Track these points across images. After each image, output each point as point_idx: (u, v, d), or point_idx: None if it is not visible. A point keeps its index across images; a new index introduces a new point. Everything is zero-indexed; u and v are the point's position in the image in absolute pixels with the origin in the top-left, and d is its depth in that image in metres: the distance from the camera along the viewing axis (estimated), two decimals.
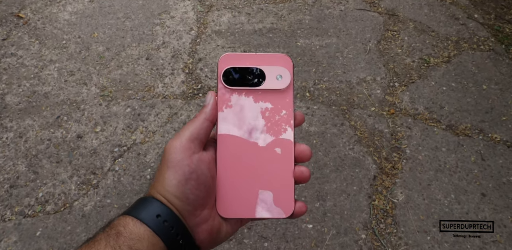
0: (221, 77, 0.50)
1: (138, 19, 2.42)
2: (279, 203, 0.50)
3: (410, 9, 2.51)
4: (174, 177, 0.45)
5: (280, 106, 0.50)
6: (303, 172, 0.50)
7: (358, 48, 2.27)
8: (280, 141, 0.50)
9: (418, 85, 2.08)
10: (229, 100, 0.50)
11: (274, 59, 0.52)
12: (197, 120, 0.48)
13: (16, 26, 2.36)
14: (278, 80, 0.50)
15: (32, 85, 2.06)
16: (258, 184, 0.50)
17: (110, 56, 2.20)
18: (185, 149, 0.46)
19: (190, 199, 0.45)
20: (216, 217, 0.49)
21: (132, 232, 0.41)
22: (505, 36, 2.31)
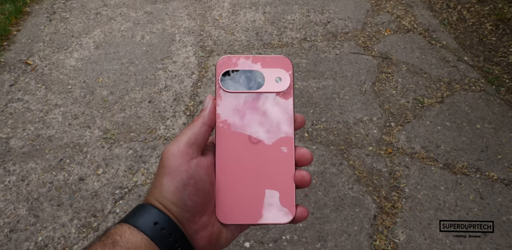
0: (219, 81, 0.49)
1: (142, 64, 2.52)
2: (280, 208, 0.49)
3: (403, 52, 2.61)
4: (171, 183, 0.44)
5: (279, 109, 0.49)
6: (304, 176, 0.48)
7: (354, 89, 2.34)
8: (280, 144, 0.49)
9: (413, 125, 2.13)
10: (228, 104, 0.49)
11: (273, 61, 0.51)
12: (194, 125, 0.47)
13: (24, 72, 2.45)
14: (277, 83, 0.49)
15: (37, 129, 2.11)
16: (258, 189, 0.49)
17: (114, 100, 2.27)
18: (182, 154, 0.45)
19: (188, 205, 0.44)
20: (216, 223, 0.48)
21: (128, 241, 0.40)
22: (495, 77, 2.39)
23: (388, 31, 2.80)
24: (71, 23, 2.88)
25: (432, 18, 2.93)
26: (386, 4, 3.08)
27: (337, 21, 2.90)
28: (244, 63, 0.50)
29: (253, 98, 0.49)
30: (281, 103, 0.49)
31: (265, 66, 0.50)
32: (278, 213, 0.48)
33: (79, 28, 2.83)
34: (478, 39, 2.71)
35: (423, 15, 2.96)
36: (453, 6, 3.04)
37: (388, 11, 3.00)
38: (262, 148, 0.49)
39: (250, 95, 0.49)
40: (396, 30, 2.81)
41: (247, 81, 0.49)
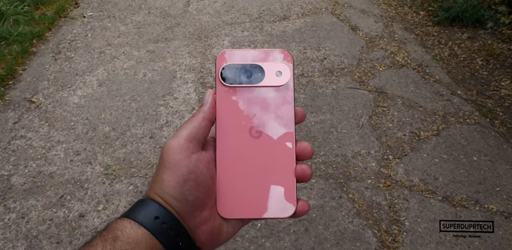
0: (219, 75, 0.48)
1: (144, 100, 2.58)
2: (281, 202, 0.48)
3: (397, 86, 2.69)
4: (172, 178, 0.44)
5: (280, 103, 0.49)
6: (305, 170, 0.48)
7: (351, 123, 2.39)
8: (280, 138, 0.49)
9: (411, 158, 2.15)
10: (228, 98, 0.49)
11: (273, 55, 0.50)
12: (195, 120, 0.47)
13: (28, 110, 2.51)
14: (278, 77, 0.49)
15: (39, 166, 2.13)
16: (259, 183, 0.48)
17: (116, 135, 2.31)
18: (183, 149, 0.45)
19: (189, 200, 0.44)
20: (217, 217, 0.47)
21: (129, 236, 0.40)
22: (488, 110, 2.45)
23: (382, 66, 2.89)
24: (76, 62, 2.98)
25: (425, 54, 3.03)
26: (379, 41, 3.19)
27: (333, 57, 2.99)
28: (244, 57, 0.50)
29: (254, 92, 0.49)
30: (281, 97, 0.49)
31: (265, 60, 0.50)
32: (280, 207, 0.48)
33: (83, 66, 2.92)
34: (470, 74, 2.79)
35: (415, 51, 3.06)
36: (444, 42, 3.16)
37: (382, 47, 3.11)
38: (262, 142, 0.49)
39: (250, 90, 0.49)
40: (390, 65, 2.90)
41: (247, 75, 0.49)
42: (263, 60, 0.50)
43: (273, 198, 0.48)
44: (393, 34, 3.28)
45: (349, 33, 3.29)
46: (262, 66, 0.49)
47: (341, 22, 3.47)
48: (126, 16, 3.61)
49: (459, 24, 3.30)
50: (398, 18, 3.55)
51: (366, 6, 3.74)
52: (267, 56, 0.50)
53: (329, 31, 3.31)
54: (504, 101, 2.52)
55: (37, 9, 3.51)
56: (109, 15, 3.62)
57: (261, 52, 0.50)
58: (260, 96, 0.49)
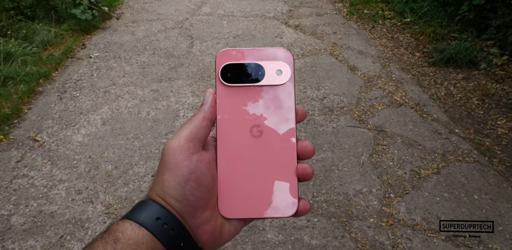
0: (219, 74, 0.48)
1: (147, 139, 2.61)
2: (282, 202, 0.48)
3: (396, 125, 2.73)
4: (173, 178, 0.44)
5: (281, 102, 0.49)
6: (306, 169, 0.48)
7: (352, 161, 2.41)
8: (282, 138, 0.48)
9: (412, 196, 2.15)
10: (228, 98, 0.49)
11: (274, 53, 0.50)
12: (195, 119, 0.47)
13: (31, 148, 2.54)
14: (278, 76, 0.49)
15: (39, 205, 2.13)
16: (261, 183, 0.48)
17: (118, 174, 2.33)
18: (183, 149, 0.45)
19: (190, 200, 0.44)
20: (218, 217, 0.47)
21: (130, 238, 0.40)
22: (487, 149, 2.48)
23: (381, 105, 2.95)
24: (81, 101, 3.05)
25: (422, 93, 3.11)
26: (377, 80, 3.28)
27: (332, 96, 3.07)
28: (244, 56, 0.50)
29: (254, 91, 0.49)
30: (282, 96, 0.49)
31: (265, 59, 0.49)
32: (281, 207, 0.48)
33: (87, 105, 2.99)
34: (467, 113, 2.85)
35: (413, 90, 3.14)
36: (440, 82, 3.25)
37: (380, 87, 3.19)
38: (263, 141, 0.48)
39: (251, 89, 0.49)
40: (388, 104, 2.97)
41: (247, 75, 0.49)
42: (263, 59, 0.49)
43: (275, 198, 0.48)
44: (390, 74, 3.38)
45: (347, 73, 3.39)
46: (262, 65, 0.49)
47: (340, 62, 3.58)
48: (131, 56, 3.73)
49: (454, 64, 3.41)
50: (395, 59, 3.67)
51: (363, 48, 3.87)
52: (267, 55, 0.50)
53: (328, 71, 3.42)
54: (501, 140, 2.56)
55: (45, 50, 3.64)
56: (114, 56, 3.74)
57: (261, 51, 0.50)
58: (261, 95, 0.49)
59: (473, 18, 3.71)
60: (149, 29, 4.36)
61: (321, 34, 4.20)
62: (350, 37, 4.11)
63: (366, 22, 4.51)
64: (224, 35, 4.15)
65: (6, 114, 2.79)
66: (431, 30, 3.85)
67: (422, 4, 4.33)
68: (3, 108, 2.83)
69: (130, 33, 4.26)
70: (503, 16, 3.33)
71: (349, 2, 5.08)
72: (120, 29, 4.37)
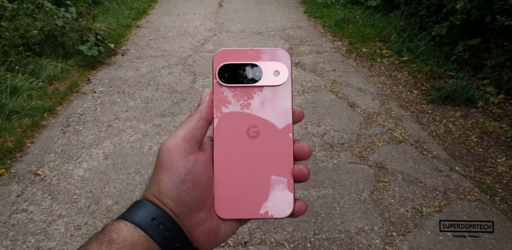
0: (216, 74, 0.48)
1: (148, 174, 2.62)
2: (279, 202, 0.48)
3: (397, 162, 2.75)
4: (169, 179, 0.43)
5: (278, 103, 0.48)
6: (302, 170, 0.48)
7: (354, 198, 2.41)
8: (278, 138, 0.48)
9: (415, 235, 2.13)
10: (225, 98, 0.48)
11: (271, 54, 0.50)
12: (192, 120, 0.47)
13: (32, 182, 2.54)
14: (276, 76, 0.49)
15: (37, 241, 2.10)
16: (257, 184, 0.48)
17: (118, 209, 2.31)
18: (180, 149, 0.44)
19: (186, 201, 0.44)
20: (214, 218, 0.47)
21: (125, 239, 0.40)
22: (488, 187, 2.48)
23: (381, 142, 2.98)
24: (83, 135, 3.08)
25: (421, 130, 3.15)
26: (377, 117, 3.33)
27: (333, 133, 3.10)
28: (242, 57, 0.49)
29: (251, 92, 0.49)
30: (279, 97, 0.49)
31: (263, 60, 0.49)
32: (277, 207, 0.48)
33: (90, 139, 3.01)
34: (466, 150, 2.88)
35: (412, 127, 3.19)
36: (439, 119, 3.30)
37: (379, 124, 3.24)
38: (260, 142, 0.48)
39: (248, 89, 0.49)
40: (388, 141, 3.00)
41: (244, 75, 0.49)
42: (261, 59, 0.49)
43: (271, 198, 0.48)
44: (390, 111, 3.43)
45: (347, 110, 3.45)
46: (259, 66, 0.49)
47: (340, 99, 3.65)
48: (135, 91, 3.81)
49: (452, 102, 3.48)
50: (394, 96, 3.74)
51: (362, 85, 3.96)
52: (265, 56, 0.50)
53: (328, 108, 3.47)
54: (502, 178, 2.57)
55: (50, 84, 3.71)
56: (118, 91, 3.82)
57: (259, 51, 0.50)
58: (258, 96, 0.49)
59: (468, 58, 3.82)
60: (153, 65, 4.48)
61: (321, 71, 4.31)
62: (349, 75, 4.21)
63: (364, 60, 4.63)
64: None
65: (9, 148, 2.81)
66: (428, 69, 3.95)
67: (419, 43, 4.47)
68: (6, 142, 2.85)
69: (134, 68, 4.36)
70: (497, 57, 3.43)
71: (348, 41, 5.24)
72: (125, 65, 4.48)
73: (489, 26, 3.52)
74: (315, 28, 5.98)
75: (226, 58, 0.49)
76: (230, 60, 0.49)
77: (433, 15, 4.59)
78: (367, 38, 5.14)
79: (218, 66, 0.48)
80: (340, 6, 6.82)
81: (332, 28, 5.82)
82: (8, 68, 3.41)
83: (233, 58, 0.49)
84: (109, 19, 5.60)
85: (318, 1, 7.27)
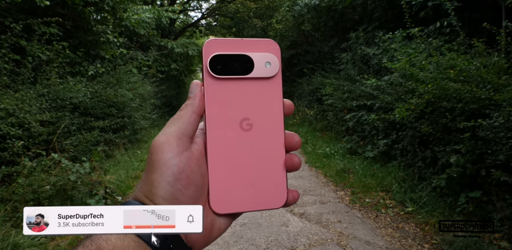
0: (207, 66, 0.46)
1: None
2: (273, 193, 0.47)
3: None
4: (162, 178, 0.42)
5: (269, 94, 0.47)
6: (294, 159, 0.48)
7: None
8: (270, 130, 0.48)
9: None
10: (216, 90, 0.46)
11: (261, 45, 0.48)
12: (183, 115, 0.45)
13: None
14: (267, 68, 0.48)
15: None
16: (251, 176, 0.47)
17: None
18: (172, 147, 0.43)
19: (180, 200, 0.42)
20: (209, 214, 0.45)
21: (115, 246, 0.37)
22: None
23: None
24: None
25: None
26: None
27: None
28: (232, 47, 0.48)
29: (243, 83, 0.47)
30: (270, 89, 0.48)
31: (254, 51, 0.48)
32: (271, 198, 0.47)
33: None
34: None
35: None
36: None
37: None
38: (252, 134, 0.47)
39: (240, 81, 0.47)
40: None
41: (236, 66, 0.47)
42: (252, 50, 0.48)
43: (265, 190, 0.47)
44: None
45: None
46: (251, 57, 0.48)
47: None
48: None
49: None
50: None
51: (370, 237, 3.86)
52: (256, 46, 0.48)
53: None
54: None
55: (52, 240, 3.64)
56: None
57: (249, 41, 0.48)
58: (249, 87, 0.48)
59: (473, 210, 3.83)
60: None
61: (326, 222, 4.26)
62: (355, 226, 4.15)
63: (369, 211, 4.63)
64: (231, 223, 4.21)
65: None
66: (435, 220, 3.91)
67: (421, 194, 4.54)
68: None
69: None
70: (502, 210, 3.45)
71: (350, 190, 5.35)
72: None
73: (486, 179, 3.64)
74: (317, 177, 6.17)
75: (217, 48, 0.48)
76: (221, 50, 0.48)
77: (430, 167, 4.79)
78: (369, 188, 5.26)
79: (208, 57, 0.47)
80: (339, 156, 7.18)
81: (333, 177, 6.00)
82: (13, 224, 3.41)
83: (224, 49, 0.48)
84: (119, 171, 5.83)
85: (318, 152, 7.68)
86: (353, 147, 7.23)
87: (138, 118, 8.18)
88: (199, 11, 20.78)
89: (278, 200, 0.48)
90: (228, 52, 0.47)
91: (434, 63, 4.77)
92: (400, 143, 5.44)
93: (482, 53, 4.63)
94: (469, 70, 4.11)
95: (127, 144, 7.72)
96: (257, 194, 0.48)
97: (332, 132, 9.23)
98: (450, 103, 4.16)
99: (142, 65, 10.21)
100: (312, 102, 11.46)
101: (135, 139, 8.29)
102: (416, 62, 5.17)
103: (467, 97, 3.92)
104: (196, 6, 19.80)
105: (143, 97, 8.82)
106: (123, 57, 9.05)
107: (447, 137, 4.35)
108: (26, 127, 4.45)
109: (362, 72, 7.75)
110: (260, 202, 0.48)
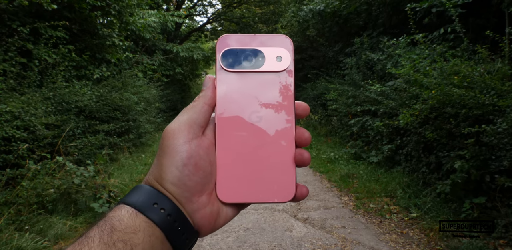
0: (219, 59, 0.48)
1: None
2: (281, 187, 0.47)
3: None
4: (171, 163, 0.43)
5: (280, 88, 0.48)
6: (303, 155, 0.47)
7: None
8: (280, 124, 0.48)
9: None
10: (228, 83, 0.48)
11: (274, 40, 0.50)
12: (195, 105, 0.47)
13: None
14: (278, 62, 0.48)
15: None
16: (259, 168, 0.47)
17: None
18: (183, 134, 0.44)
19: (188, 185, 0.43)
20: (215, 202, 0.47)
21: (127, 226, 0.39)
22: None
23: None
24: None
25: None
26: None
27: None
28: (245, 42, 0.49)
29: (254, 77, 0.49)
30: (281, 83, 0.49)
31: (266, 45, 0.49)
32: (279, 192, 0.48)
33: None
34: None
35: None
36: None
37: None
38: (262, 127, 0.48)
39: (251, 74, 0.49)
40: None
41: (247, 60, 0.49)
42: (264, 45, 0.50)
43: (273, 183, 0.48)
44: None
45: None
46: (262, 51, 0.49)
47: None
48: None
49: None
50: None
51: (374, 243, 3.85)
52: (268, 41, 0.50)
53: None
54: None
55: (56, 243, 3.64)
56: None
57: (262, 37, 0.50)
58: (260, 81, 0.49)
59: (478, 216, 3.81)
60: None
61: (330, 228, 4.25)
62: (359, 232, 4.14)
63: (373, 216, 4.61)
64: (235, 228, 4.21)
65: None
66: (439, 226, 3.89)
67: (425, 199, 4.53)
68: None
69: None
70: (507, 216, 3.43)
71: (354, 196, 5.33)
72: None
73: (491, 185, 3.63)
74: (321, 182, 6.16)
75: (229, 43, 0.50)
76: (233, 45, 0.50)
77: (434, 172, 4.78)
78: (373, 193, 5.24)
79: (221, 51, 0.49)
80: (343, 161, 7.17)
81: (337, 183, 5.99)
82: (17, 227, 3.43)
83: (236, 44, 0.50)
84: (123, 175, 5.85)
85: (323, 157, 7.68)
86: (358, 152, 7.22)
87: (142, 122, 8.22)
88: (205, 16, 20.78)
89: (286, 194, 0.49)
90: (239, 47, 0.49)
91: (438, 69, 4.77)
92: (404, 148, 5.44)
93: (485, 60, 4.63)
94: (473, 76, 4.11)
95: (131, 147, 7.75)
96: (264, 186, 0.49)
97: (337, 137, 9.23)
98: (454, 109, 4.16)
99: (147, 69, 10.30)
100: (317, 107, 11.48)
101: (139, 143, 8.32)
102: (420, 68, 5.18)
103: (471, 103, 3.92)
104: (201, 11, 19.98)
105: (148, 101, 8.88)
106: (129, 61, 9.12)
107: (451, 143, 4.35)
108: (31, 129, 4.48)
109: (367, 78, 7.77)
110: (267, 194, 0.49)
